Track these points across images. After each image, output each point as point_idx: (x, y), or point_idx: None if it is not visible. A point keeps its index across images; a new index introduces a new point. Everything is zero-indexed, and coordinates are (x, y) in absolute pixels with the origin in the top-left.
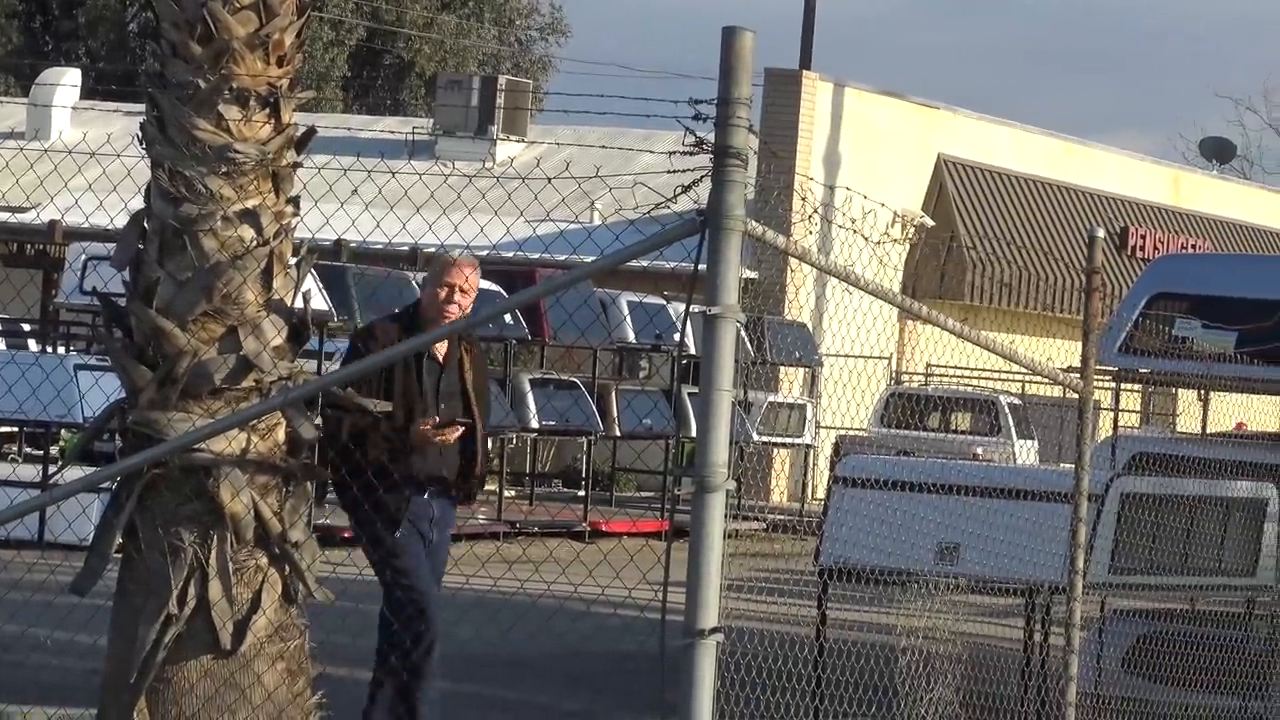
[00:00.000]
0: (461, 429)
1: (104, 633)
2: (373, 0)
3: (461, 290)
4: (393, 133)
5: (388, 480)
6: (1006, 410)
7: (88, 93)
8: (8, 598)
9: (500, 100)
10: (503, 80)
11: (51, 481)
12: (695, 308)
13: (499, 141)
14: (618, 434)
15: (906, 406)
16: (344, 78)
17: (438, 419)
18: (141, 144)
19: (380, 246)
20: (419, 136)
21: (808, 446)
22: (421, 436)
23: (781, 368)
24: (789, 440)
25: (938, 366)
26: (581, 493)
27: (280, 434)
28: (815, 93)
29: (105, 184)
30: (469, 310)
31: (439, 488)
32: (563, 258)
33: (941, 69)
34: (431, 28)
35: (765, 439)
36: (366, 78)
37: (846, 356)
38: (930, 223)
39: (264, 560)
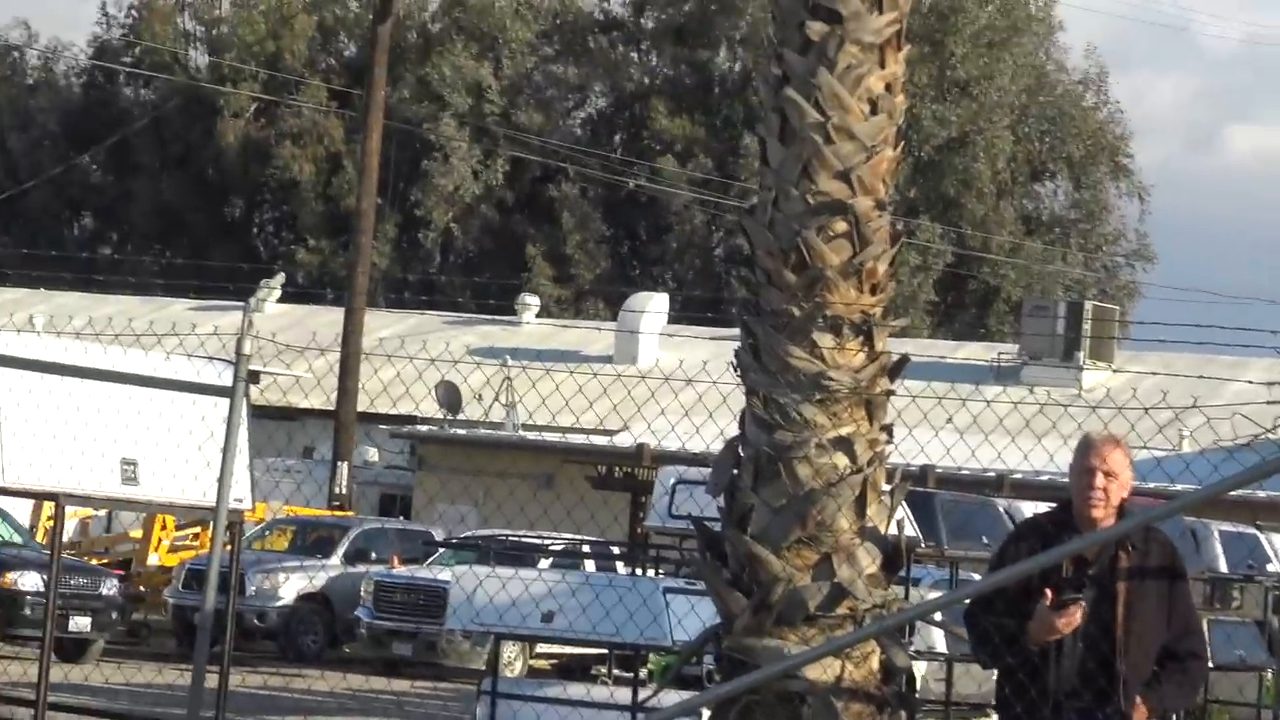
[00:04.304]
0: (1078, 611)
1: None
2: (960, 226)
3: (1106, 474)
4: (977, 359)
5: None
6: None
7: (674, 317)
8: None
9: (1087, 326)
10: (1089, 306)
11: (643, 704)
12: None
13: (1086, 368)
14: (1210, 665)
15: None
16: (930, 302)
17: (1050, 596)
18: (736, 371)
19: (967, 473)
20: (1005, 362)
21: None
22: (1037, 627)
23: None
24: None
25: None
26: None
27: (875, 662)
28: None
29: (696, 409)
30: (1116, 500)
31: (1077, 711)
32: (1151, 486)
33: None
34: (1017, 253)
35: None
36: (952, 302)
37: None
38: None
39: None
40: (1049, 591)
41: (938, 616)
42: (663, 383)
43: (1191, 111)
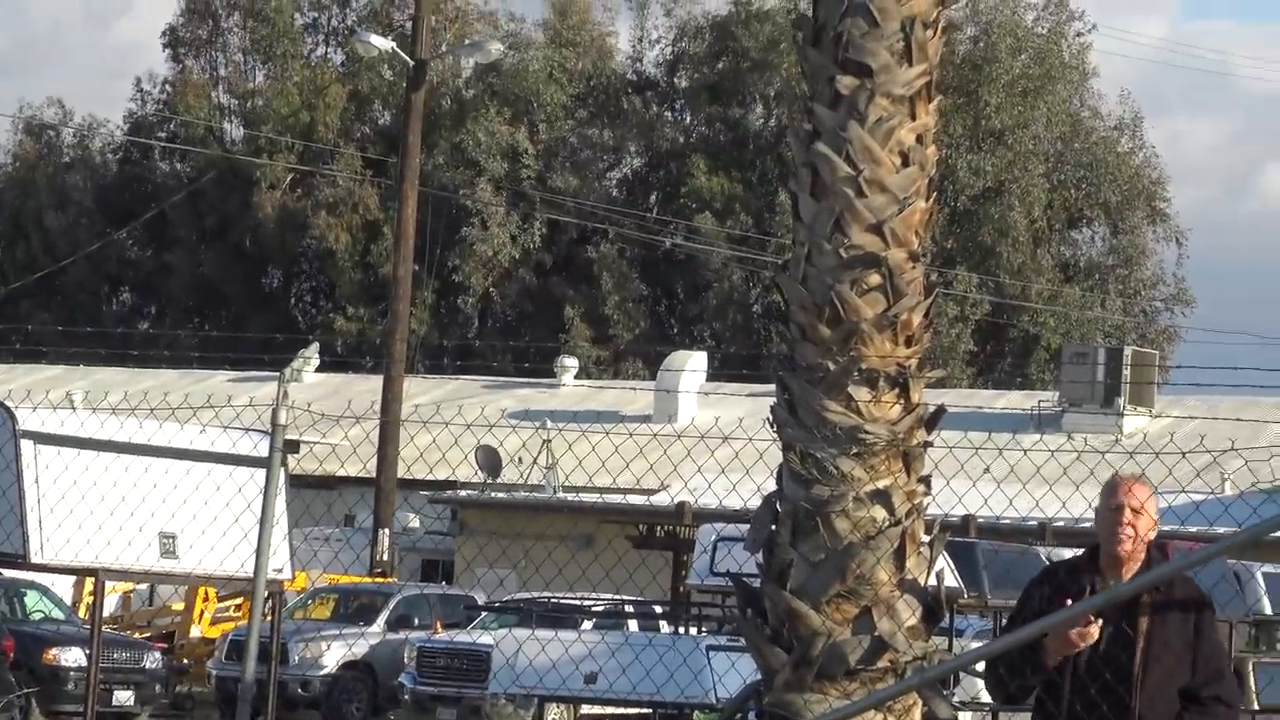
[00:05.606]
0: (1094, 626)
1: None
2: (997, 275)
3: (1134, 510)
4: (1017, 408)
5: None
6: None
7: (713, 375)
8: None
9: (1126, 372)
10: (1128, 352)
11: None
12: None
13: (1126, 414)
14: (1256, 707)
15: None
16: (969, 352)
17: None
18: (772, 427)
19: (1009, 522)
20: (1045, 410)
21: None
22: (1054, 642)
23: None
24: None
25: None
26: None
27: (917, 714)
28: None
29: (734, 466)
30: (1143, 538)
31: None
32: (1192, 529)
33: None
34: (1056, 300)
35: None
36: (991, 352)
37: None
38: None
39: None
40: (1068, 602)
41: (980, 666)
42: (698, 441)
43: (1229, 154)
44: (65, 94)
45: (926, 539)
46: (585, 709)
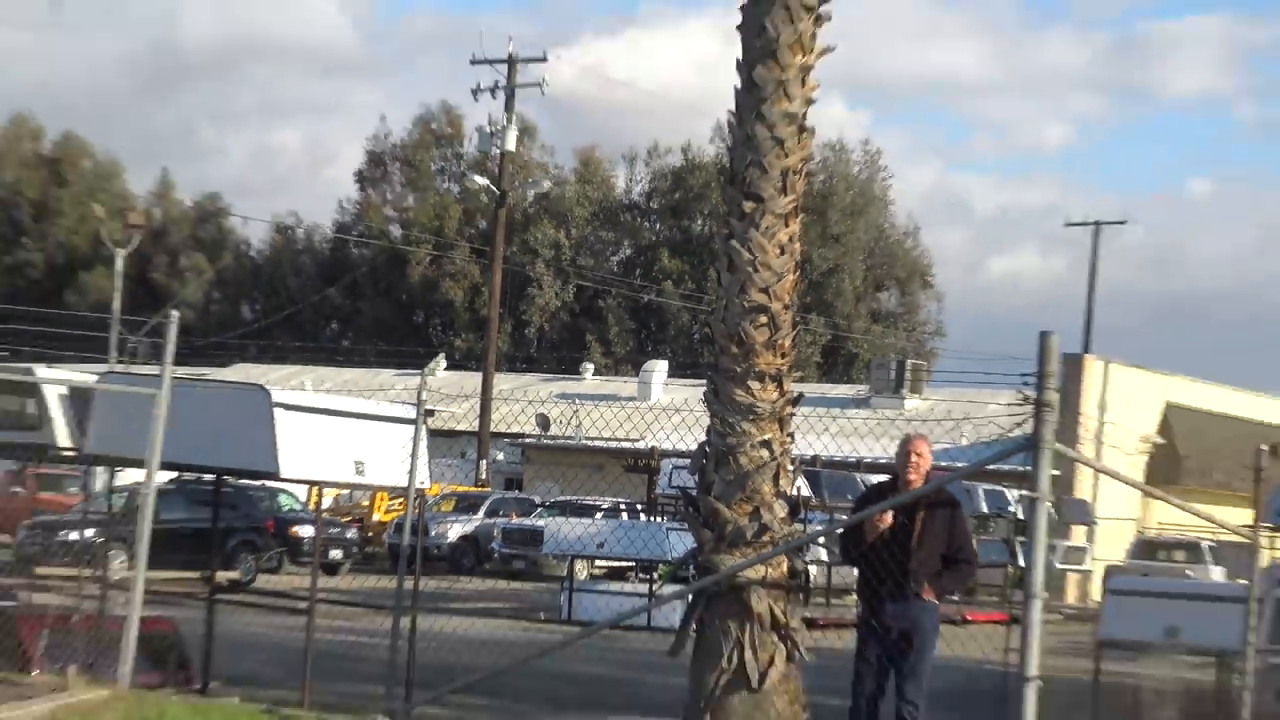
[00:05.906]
0: (888, 517)
1: (685, 676)
2: (835, 319)
3: (917, 454)
4: (845, 394)
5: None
6: (1207, 550)
7: (672, 373)
8: (632, 653)
9: (909, 374)
10: (909, 362)
11: (654, 593)
12: (1024, 493)
13: (907, 398)
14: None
15: (1146, 547)
16: (817, 362)
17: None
18: (704, 404)
19: (839, 459)
20: (860, 396)
21: (1087, 571)
22: (868, 527)
23: (1072, 525)
24: (1077, 568)
25: (1166, 524)
26: (957, 599)
27: (784, 567)
28: (1092, 367)
29: (683, 426)
30: (923, 470)
31: (889, 592)
32: (944, 464)
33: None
34: (868, 333)
35: (1063, 567)
36: (829, 363)
37: (1111, 519)
38: (1161, 441)
39: (775, 638)
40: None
41: (822, 541)
42: (663, 411)
43: (969, 250)
44: (298, 207)
45: (791, 469)
46: (598, 562)
